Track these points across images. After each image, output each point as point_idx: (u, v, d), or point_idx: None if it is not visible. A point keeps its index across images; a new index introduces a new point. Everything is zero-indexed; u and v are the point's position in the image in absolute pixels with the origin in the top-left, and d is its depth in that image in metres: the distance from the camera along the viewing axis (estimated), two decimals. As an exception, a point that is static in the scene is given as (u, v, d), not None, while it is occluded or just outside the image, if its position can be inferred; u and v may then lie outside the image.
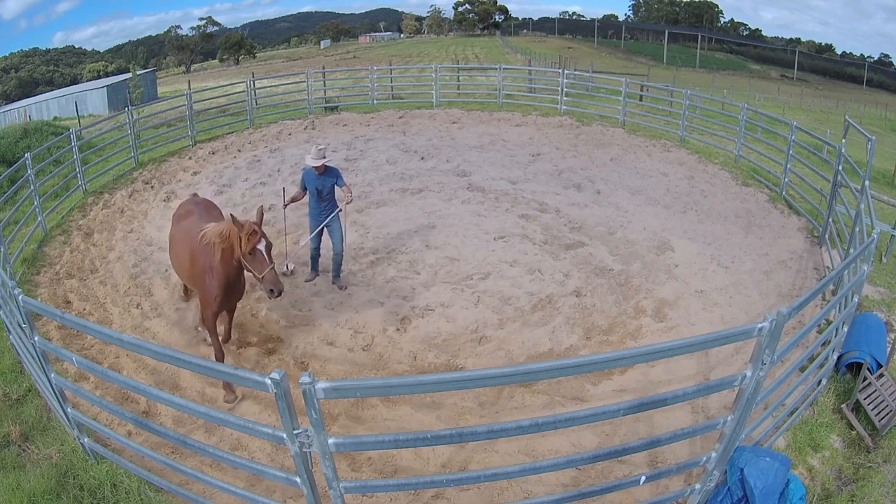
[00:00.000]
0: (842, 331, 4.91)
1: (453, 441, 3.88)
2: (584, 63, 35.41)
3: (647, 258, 7.45)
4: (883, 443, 4.45)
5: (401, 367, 5.62)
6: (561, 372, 3.01)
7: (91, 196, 10.32)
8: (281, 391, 2.68)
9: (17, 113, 33.07)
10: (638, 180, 10.38)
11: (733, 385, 3.14)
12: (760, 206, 9.38)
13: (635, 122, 14.34)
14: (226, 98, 17.52)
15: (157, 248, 8.24)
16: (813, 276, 7.15)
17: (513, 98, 17.05)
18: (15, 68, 56.68)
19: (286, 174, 10.97)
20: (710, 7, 66.05)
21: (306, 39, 71.67)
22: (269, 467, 3.31)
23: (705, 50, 63.12)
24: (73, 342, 6.08)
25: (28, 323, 3.76)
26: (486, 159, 11.51)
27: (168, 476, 4.04)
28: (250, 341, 6.10)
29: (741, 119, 11.57)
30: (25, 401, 5.12)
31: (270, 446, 4.56)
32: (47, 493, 4.00)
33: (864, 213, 6.00)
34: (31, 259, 7.97)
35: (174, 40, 63.37)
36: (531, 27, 72.39)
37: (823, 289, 4.44)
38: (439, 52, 54.65)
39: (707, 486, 3.65)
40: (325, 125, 14.80)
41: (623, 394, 5.09)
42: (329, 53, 63.41)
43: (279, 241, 7.70)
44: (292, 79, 22.39)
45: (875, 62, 58.51)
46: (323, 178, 6.39)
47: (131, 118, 11.90)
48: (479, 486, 4.13)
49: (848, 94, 47.20)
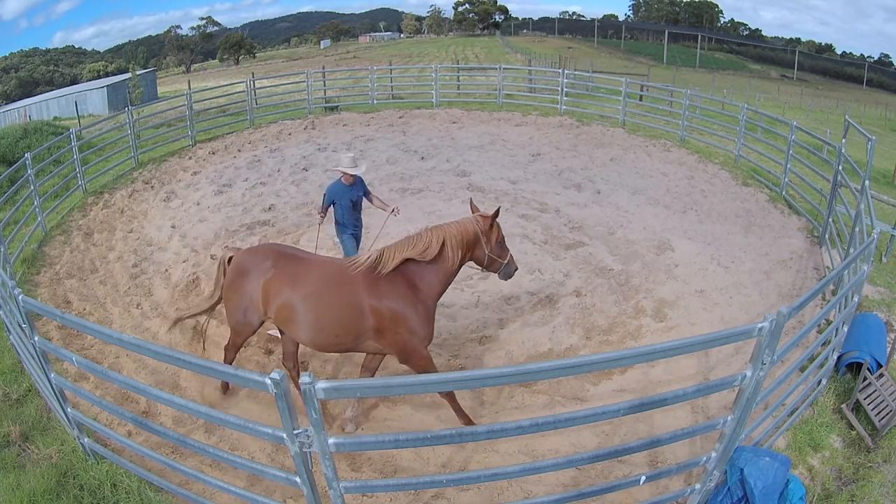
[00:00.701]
0: (842, 331, 4.90)
1: (453, 441, 3.88)
2: (584, 63, 35.40)
3: (647, 258, 7.45)
4: (883, 443, 4.45)
5: (401, 366, 5.61)
6: (561, 372, 3.01)
7: (91, 196, 10.32)
8: (281, 391, 2.68)
9: (17, 113, 33.07)
10: (638, 180, 10.38)
11: (733, 385, 3.14)
12: (760, 206, 9.38)
13: (635, 122, 14.34)
14: (226, 98, 17.53)
15: (157, 248, 8.25)
16: (813, 276, 7.15)
17: (513, 98, 17.05)
18: (15, 68, 56.69)
19: (286, 174, 10.97)
20: (710, 7, 66.05)
21: (306, 39, 71.66)
22: (269, 467, 3.31)
23: (705, 50, 63.11)
24: (73, 342, 6.08)
25: (28, 323, 3.76)
26: (486, 159, 11.51)
27: (168, 476, 4.04)
28: (250, 341, 6.09)
29: (741, 119, 11.56)
30: (25, 401, 5.12)
31: (270, 446, 4.56)
32: (47, 493, 4.00)
33: (864, 213, 6.00)
34: (31, 259, 7.97)
35: (174, 40, 63.37)
36: (531, 27, 72.38)
37: (823, 289, 4.44)
38: (439, 52, 54.63)
39: (707, 486, 3.65)
40: (325, 125, 14.80)
41: (623, 394, 5.08)
42: (329, 53, 63.39)
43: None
44: (292, 79, 22.40)
45: (875, 62, 58.51)
46: (355, 189, 5.98)
47: (131, 118, 11.91)
48: (479, 486, 4.13)
49: (848, 94, 47.18)
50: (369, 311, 4.20)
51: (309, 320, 4.26)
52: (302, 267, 4.37)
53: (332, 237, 8.01)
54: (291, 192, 9.99)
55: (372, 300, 4.19)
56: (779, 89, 45.52)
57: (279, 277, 4.32)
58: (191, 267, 7.49)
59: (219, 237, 8.32)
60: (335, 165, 5.94)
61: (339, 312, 4.23)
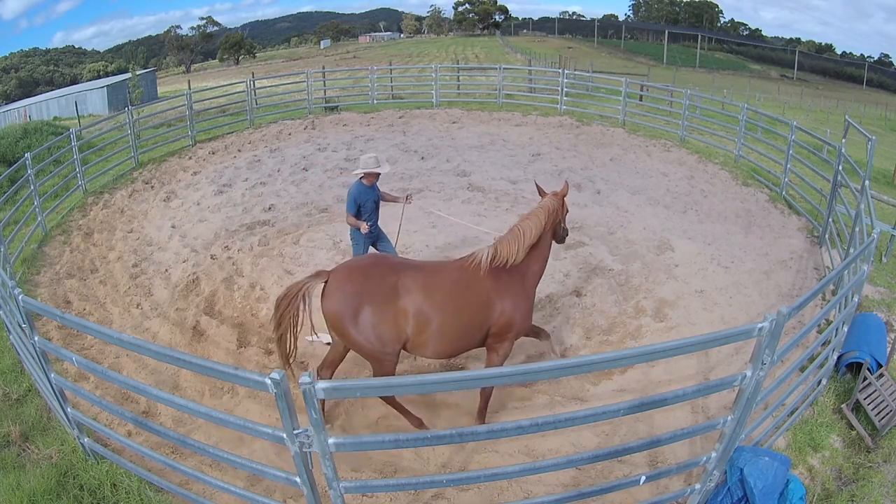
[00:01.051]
0: (842, 331, 4.90)
1: (453, 441, 3.88)
2: (584, 63, 35.40)
3: (647, 258, 7.45)
4: (883, 443, 4.45)
5: (401, 366, 5.61)
6: (561, 372, 3.01)
7: (91, 196, 10.32)
8: (281, 391, 2.68)
9: (17, 113, 33.09)
10: (638, 180, 10.38)
11: (733, 385, 3.14)
12: (760, 206, 9.38)
13: (635, 121, 14.34)
14: (226, 98, 17.53)
15: (157, 248, 8.25)
16: (813, 276, 7.15)
17: (513, 98, 17.05)
18: (15, 68, 56.73)
19: (286, 174, 10.97)
20: (710, 7, 66.11)
21: (306, 39, 71.74)
22: (269, 467, 3.31)
23: (705, 50, 63.16)
24: (73, 342, 6.08)
25: (28, 323, 3.76)
26: (486, 159, 11.51)
27: (168, 476, 4.04)
28: (250, 341, 6.10)
29: (741, 119, 11.56)
30: (25, 401, 5.12)
31: (270, 446, 4.55)
32: (47, 493, 4.00)
33: (864, 213, 5.99)
34: (31, 259, 7.97)
35: (174, 40, 63.43)
36: (531, 27, 72.47)
37: (823, 289, 4.44)
38: (439, 52, 54.66)
39: (707, 486, 3.65)
40: (325, 125, 14.80)
41: (623, 394, 5.08)
42: (329, 53, 63.41)
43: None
44: (292, 79, 22.40)
45: (875, 62, 58.56)
46: (374, 189, 5.87)
47: (131, 118, 11.91)
48: (479, 486, 4.13)
49: (848, 94, 47.23)
50: (499, 310, 4.26)
51: (447, 329, 4.13)
52: (426, 276, 4.20)
53: (332, 237, 8.03)
54: (291, 192, 9.99)
55: (499, 298, 4.25)
56: (779, 89, 45.56)
57: (412, 291, 4.09)
58: (191, 267, 7.50)
59: (219, 237, 8.32)
60: (356, 169, 5.84)
61: (475, 316, 4.22)
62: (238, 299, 6.80)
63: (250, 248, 7.87)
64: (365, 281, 4.10)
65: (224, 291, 6.92)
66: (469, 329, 4.24)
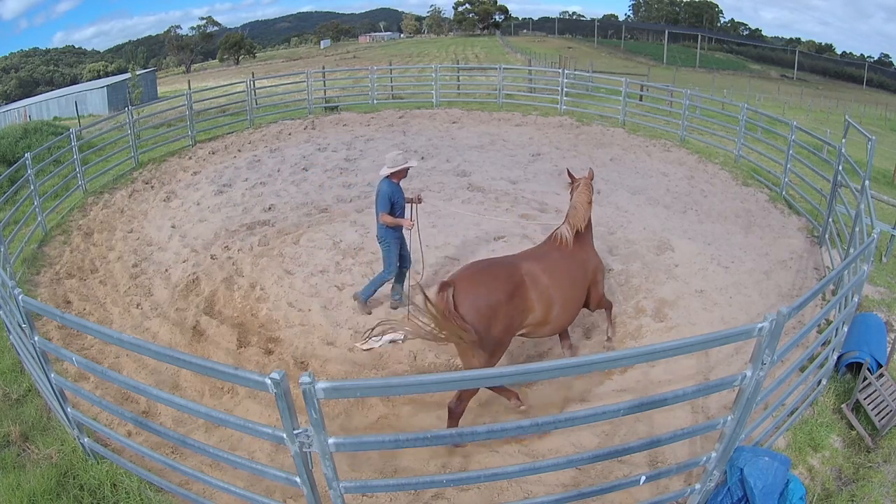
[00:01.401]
0: (842, 331, 4.90)
1: (453, 441, 3.88)
2: (584, 63, 35.43)
3: (647, 258, 7.45)
4: (883, 443, 4.45)
5: (401, 366, 5.62)
6: (561, 372, 3.01)
7: (91, 196, 10.32)
8: (281, 391, 2.68)
9: (17, 113, 33.08)
10: (638, 180, 10.39)
11: (733, 385, 3.14)
12: (760, 206, 9.38)
13: (635, 121, 14.34)
14: (226, 98, 17.53)
15: (157, 248, 8.25)
16: (813, 276, 7.15)
17: (513, 98, 17.05)
18: (15, 68, 56.76)
19: (286, 174, 10.97)
20: (710, 7, 66.13)
21: (306, 39, 71.77)
22: (269, 467, 3.31)
23: (705, 50, 63.18)
24: (73, 342, 6.08)
25: (28, 323, 3.76)
26: (486, 159, 11.51)
27: (168, 476, 4.04)
28: (250, 341, 6.10)
29: (741, 119, 11.56)
30: (25, 401, 5.12)
31: (270, 446, 4.56)
32: (47, 493, 4.00)
33: (864, 213, 5.99)
34: (31, 259, 7.97)
35: (174, 40, 63.46)
36: (531, 27, 72.50)
37: (823, 289, 4.44)
38: (439, 52, 54.68)
39: (707, 486, 3.65)
40: (325, 125, 14.80)
41: (623, 394, 5.08)
42: (329, 53, 63.44)
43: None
44: (292, 79, 22.40)
45: (875, 62, 58.58)
46: (400, 186, 5.94)
47: (131, 118, 11.91)
48: (479, 486, 4.13)
49: (848, 94, 47.25)
50: (592, 265, 5.23)
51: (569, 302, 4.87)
52: (540, 262, 4.79)
53: (332, 237, 8.02)
54: (291, 192, 9.99)
55: (587, 256, 5.19)
56: (779, 89, 45.59)
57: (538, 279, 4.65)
58: (191, 267, 7.50)
59: (219, 237, 8.32)
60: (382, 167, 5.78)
61: (583, 279, 5.08)
62: (238, 299, 6.80)
63: (250, 248, 7.87)
64: (494, 280, 4.48)
65: (224, 291, 6.92)
66: (582, 293, 5.11)
